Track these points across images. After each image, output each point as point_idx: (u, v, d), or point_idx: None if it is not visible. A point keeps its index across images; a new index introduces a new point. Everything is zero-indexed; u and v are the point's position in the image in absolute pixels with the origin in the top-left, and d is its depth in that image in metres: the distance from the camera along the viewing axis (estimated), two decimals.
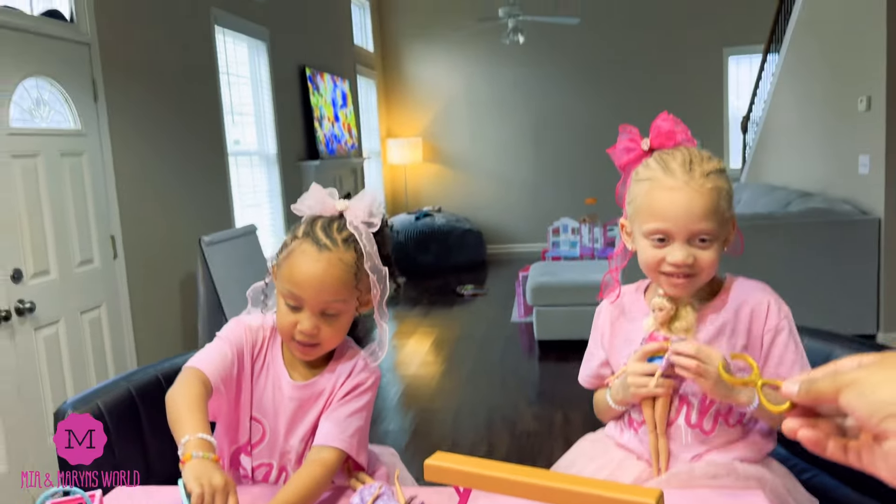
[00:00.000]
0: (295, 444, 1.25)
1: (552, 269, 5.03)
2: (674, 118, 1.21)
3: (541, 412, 3.63)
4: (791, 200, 4.94)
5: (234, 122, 4.63)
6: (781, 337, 1.17)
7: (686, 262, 1.13)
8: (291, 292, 1.18)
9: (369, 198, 1.22)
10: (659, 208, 1.14)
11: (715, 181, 1.14)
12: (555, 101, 8.42)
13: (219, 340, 1.24)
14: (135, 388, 1.34)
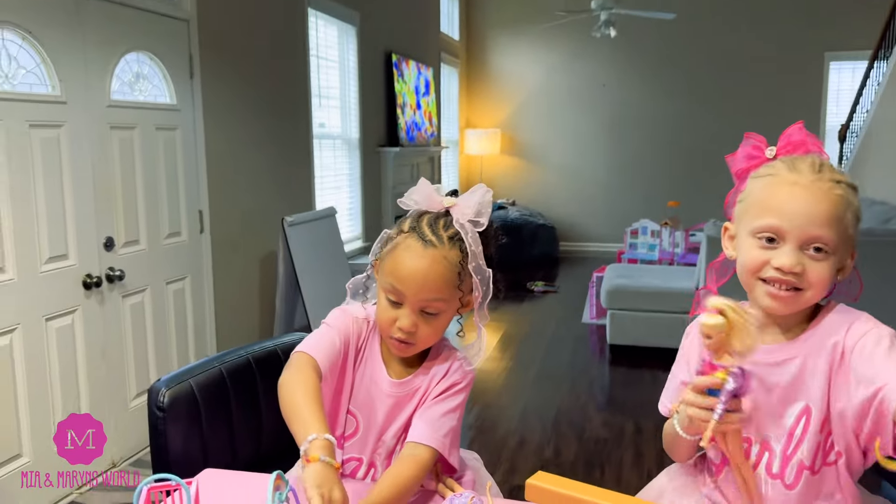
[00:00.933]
0: (387, 440, 1.23)
1: (629, 271, 4.89)
2: (807, 132, 1.10)
3: (611, 419, 3.54)
4: (892, 217, 4.66)
5: (320, 105, 4.67)
6: (871, 341, 0.98)
7: (793, 270, 0.99)
8: (393, 287, 1.16)
9: (478, 195, 1.18)
10: (776, 203, 1.02)
11: (846, 191, 1.02)
12: (639, 99, 8.18)
13: (327, 328, 1.23)
14: (226, 369, 1.35)
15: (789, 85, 7.66)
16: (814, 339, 1.05)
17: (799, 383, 1.05)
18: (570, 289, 6.51)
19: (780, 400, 1.06)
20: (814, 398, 1.04)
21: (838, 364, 1.02)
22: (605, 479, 2.91)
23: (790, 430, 1.06)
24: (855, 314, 1.06)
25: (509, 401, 3.81)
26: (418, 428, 1.17)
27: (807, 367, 1.04)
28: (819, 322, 1.06)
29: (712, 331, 0.92)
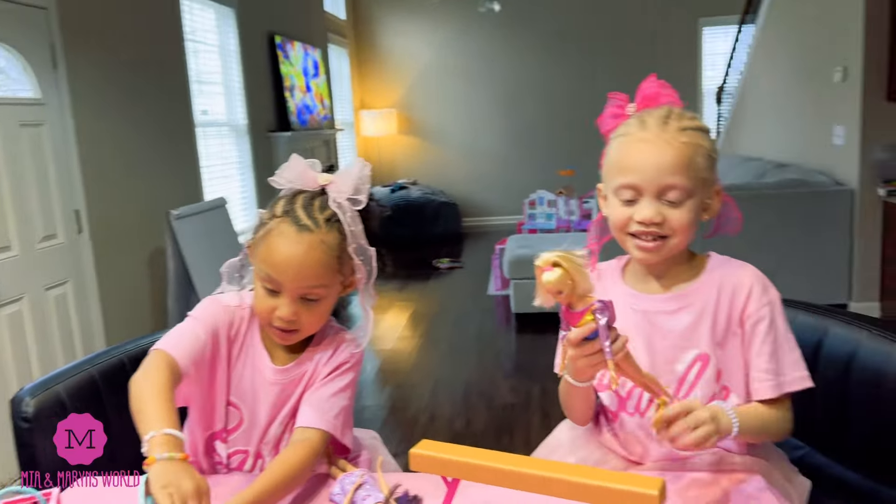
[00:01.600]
0: (274, 429, 1.19)
1: (529, 241, 4.99)
2: (661, 82, 1.15)
3: (518, 385, 3.62)
4: (766, 171, 4.94)
5: (201, 92, 4.48)
6: (761, 327, 1.07)
7: (653, 220, 1.05)
8: (269, 276, 1.10)
9: (356, 171, 1.13)
10: (629, 161, 1.07)
11: (692, 137, 1.07)
12: (530, 72, 8.31)
13: (191, 320, 1.16)
14: (99, 372, 1.27)
15: (668, 51, 7.97)
16: (705, 290, 1.10)
17: (692, 332, 1.09)
18: (475, 263, 6.58)
19: (674, 347, 1.10)
20: (706, 347, 1.09)
21: (735, 324, 1.08)
22: (514, 442, 2.98)
23: (682, 376, 1.10)
24: (739, 266, 1.12)
25: (420, 378, 3.82)
26: (306, 412, 1.14)
27: (701, 317, 1.09)
28: (706, 273, 1.12)
29: (557, 285, 0.90)
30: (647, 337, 1.11)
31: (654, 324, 1.12)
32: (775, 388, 1.06)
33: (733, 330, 1.09)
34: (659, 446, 1.11)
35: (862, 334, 1.14)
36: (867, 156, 4.15)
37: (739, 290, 1.09)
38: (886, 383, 1.09)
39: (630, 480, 0.76)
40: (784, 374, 1.07)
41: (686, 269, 1.14)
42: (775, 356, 1.07)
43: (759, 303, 1.08)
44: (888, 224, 4.17)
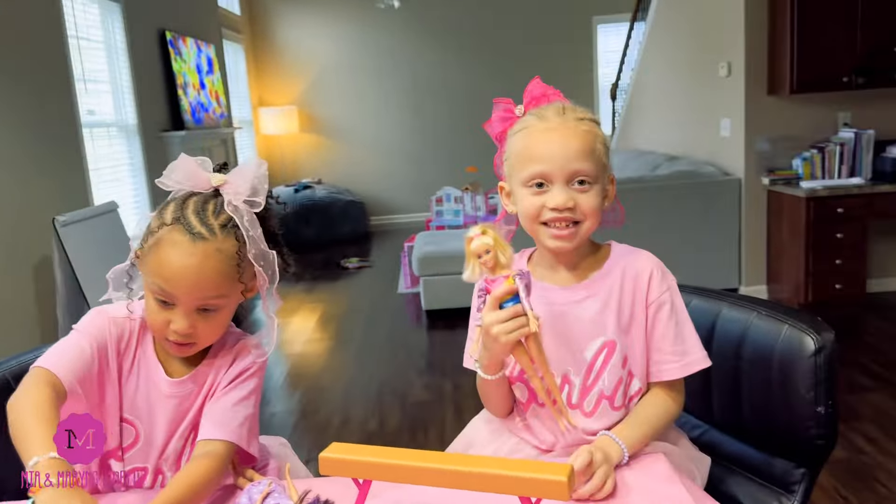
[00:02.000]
0: (174, 444, 1.12)
1: (437, 238, 5.00)
2: (545, 84, 1.18)
3: (431, 381, 3.62)
4: (659, 164, 5.16)
5: (87, 91, 4.23)
6: (663, 312, 1.12)
7: (566, 205, 1.07)
8: (161, 288, 1.03)
9: (252, 170, 1.07)
10: (536, 151, 1.10)
11: (590, 126, 1.11)
12: (433, 69, 8.35)
13: (76, 334, 1.08)
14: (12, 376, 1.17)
15: (564, 49, 8.19)
16: (610, 278, 1.13)
17: (599, 320, 1.12)
18: (384, 262, 6.54)
19: (582, 335, 1.13)
20: (612, 333, 1.12)
21: (640, 310, 1.12)
22: (429, 439, 2.98)
23: (590, 364, 1.13)
24: (638, 253, 1.16)
25: (331, 381, 3.76)
26: (208, 424, 1.08)
27: (607, 305, 1.12)
28: (609, 261, 1.15)
29: (486, 247, 0.98)
30: (556, 326, 1.13)
31: (562, 313, 1.14)
32: (682, 368, 1.11)
33: (637, 316, 1.13)
34: (568, 434, 1.13)
35: (751, 315, 1.20)
36: (751, 147, 4.40)
37: (641, 276, 1.13)
38: (774, 361, 1.15)
39: (540, 468, 0.77)
40: (688, 355, 1.12)
41: (591, 259, 1.17)
42: (680, 338, 1.12)
43: (659, 288, 1.12)
44: (772, 211, 4.44)
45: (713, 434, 1.29)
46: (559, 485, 0.74)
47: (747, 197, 4.47)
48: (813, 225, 4.07)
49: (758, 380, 1.17)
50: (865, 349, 3.62)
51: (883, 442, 2.68)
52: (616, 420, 1.13)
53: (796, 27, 4.05)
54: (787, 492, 1.15)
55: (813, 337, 1.10)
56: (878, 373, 3.32)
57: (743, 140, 4.41)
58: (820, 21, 4.05)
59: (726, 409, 1.25)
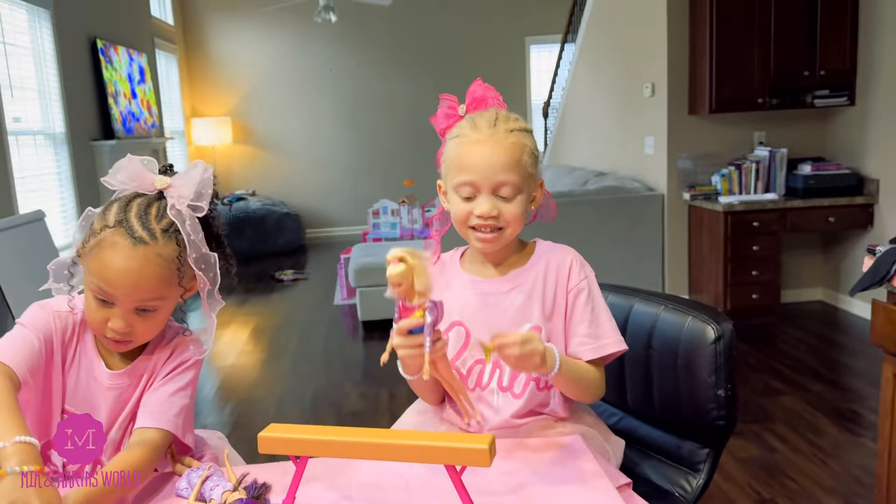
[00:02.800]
0: (114, 434, 1.15)
1: (374, 250, 5.04)
2: (486, 85, 1.27)
3: (367, 391, 3.65)
4: (588, 179, 5.36)
5: (13, 98, 4.12)
6: (580, 298, 1.21)
7: (491, 214, 1.16)
8: (101, 288, 1.05)
9: (198, 174, 1.09)
10: (466, 161, 1.18)
11: (518, 137, 1.18)
12: (370, 84, 8.41)
13: (22, 329, 1.10)
14: None
15: (498, 66, 8.40)
16: (534, 271, 1.23)
17: (525, 309, 1.22)
18: (319, 274, 6.53)
19: (511, 323, 1.21)
20: (538, 320, 1.21)
21: (561, 298, 1.21)
22: None
23: None
24: (560, 248, 1.27)
25: (264, 392, 3.74)
26: (147, 410, 1.11)
27: (532, 295, 1.22)
28: (534, 256, 1.25)
29: (399, 278, 0.99)
30: (487, 316, 1.23)
31: (492, 304, 1.23)
32: (596, 350, 1.20)
33: (558, 303, 1.23)
34: (495, 415, 1.21)
35: (660, 308, 1.31)
36: (673, 163, 4.63)
37: (562, 268, 1.23)
38: (679, 349, 1.26)
39: (463, 439, 0.84)
40: (602, 339, 1.20)
41: (517, 255, 1.26)
42: (595, 322, 1.21)
43: (578, 277, 1.23)
44: (693, 225, 4.67)
45: (628, 420, 1.39)
46: (481, 452, 0.81)
47: (670, 211, 4.69)
48: (730, 238, 4.30)
49: (666, 367, 1.28)
50: (778, 355, 3.85)
51: (793, 441, 2.86)
52: (542, 400, 1.23)
53: (715, 50, 4.30)
54: (693, 471, 1.25)
55: (713, 326, 1.21)
56: (790, 377, 3.53)
57: (666, 157, 4.63)
58: (737, 45, 4.31)
59: (639, 397, 1.35)
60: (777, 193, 4.48)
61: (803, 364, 3.70)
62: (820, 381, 3.46)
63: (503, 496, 0.99)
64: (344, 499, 1.02)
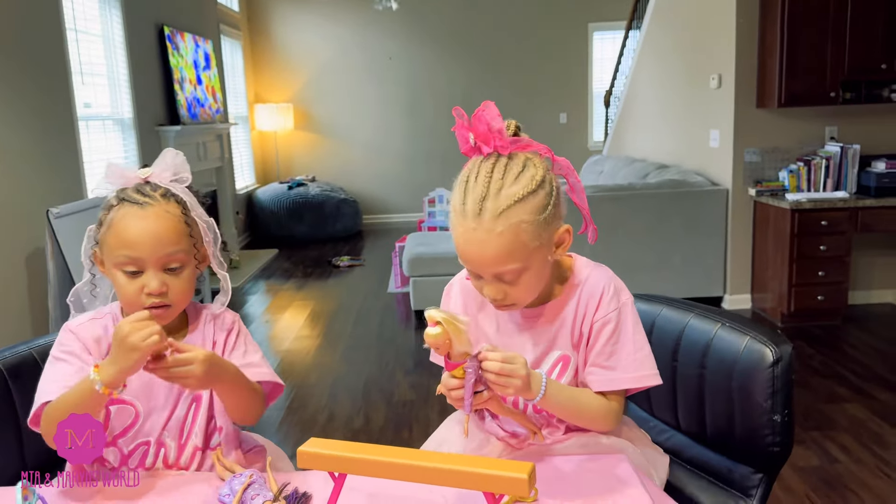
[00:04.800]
0: (179, 412, 1.21)
1: (428, 239, 5.05)
2: (492, 117, 1.10)
3: (418, 381, 3.67)
4: (649, 172, 5.23)
5: (83, 84, 4.27)
6: (605, 330, 1.15)
7: (497, 298, 1.10)
8: (128, 257, 1.13)
9: (169, 158, 1.19)
10: (463, 252, 1.09)
11: (509, 219, 1.04)
12: (429, 71, 8.40)
13: (56, 361, 1.15)
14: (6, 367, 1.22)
15: (559, 53, 8.26)
16: (567, 300, 1.18)
17: (555, 337, 1.18)
18: (375, 261, 6.59)
19: (540, 351, 1.19)
20: (567, 349, 1.18)
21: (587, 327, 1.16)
22: (413, 437, 3.03)
23: (547, 374, 1.16)
24: (596, 272, 1.19)
25: (318, 378, 3.81)
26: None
27: (563, 324, 1.17)
28: (569, 284, 1.19)
29: (435, 340, 0.99)
30: (517, 344, 1.20)
31: (523, 333, 1.20)
32: (604, 383, 1.15)
33: (583, 332, 1.17)
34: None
35: (716, 326, 1.25)
36: (739, 157, 4.47)
37: (593, 297, 1.17)
38: (735, 371, 1.21)
39: (503, 466, 0.82)
40: (617, 372, 1.14)
41: (551, 285, 1.19)
42: (615, 356, 1.14)
43: (607, 308, 1.15)
44: (758, 222, 4.51)
45: (679, 438, 1.35)
46: (520, 482, 0.80)
47: (734, 207, 4.54)
48: (797, 237, 4.14)
49: (719, 388, 1.23)
50: (844, 360, 3.69)
51: (856, 451, 2.75)
52: (565, 428, 1.21)
53: (786, 41, 4.12)
54: (745, 495, 1.21)
55: (772, 349, 1.15)
56: (855, 383, 3.39)
57: (731, 151, 4.48)
58: (809, 36, 4.12)
59: (690, 416, 1.30)
60: (848, 191, 4.28)
61: (870, 370, 3.55)
62: (888, 388, 3.31)
63: None
64: None
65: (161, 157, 1.20)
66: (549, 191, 1.08)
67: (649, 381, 1.15)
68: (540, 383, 1.07)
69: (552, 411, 1.16)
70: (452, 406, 1.29)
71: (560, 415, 1.17)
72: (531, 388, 1.05)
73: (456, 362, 1.01)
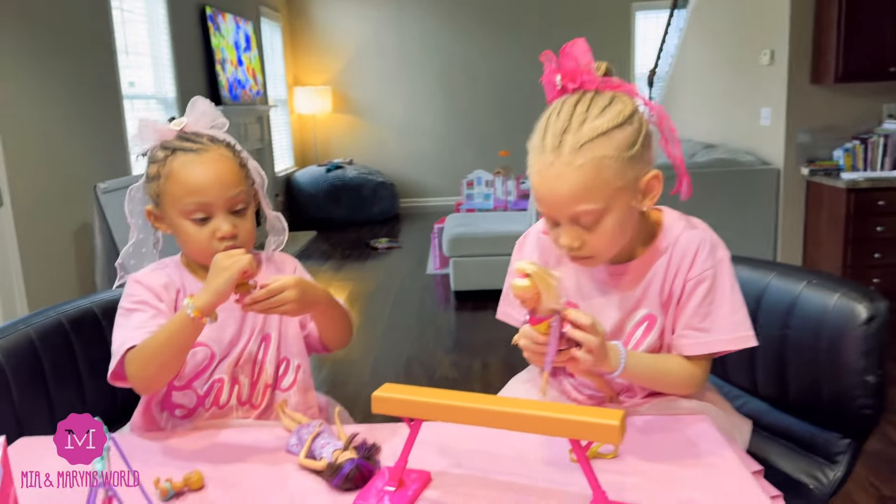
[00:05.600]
0: (251, 347, 1.20)
1: (468, 220, 5.01)
2: (581, 52, 1.04)
3: (459, 360, 3.64)
4: (696, 152, 5.10)
5: (129, 63, 4.30)
6: (699, 289, 1.07)
7: (573, 246, 1.02)
8: (197, 203, 1.12)
9: (200, 106, 1.18)
10: (538, 193, 1.02)
11: (591, 152, 0.97)
12: (468, 53, 8.31)
13: (131, 313, 1.13)
14: (35, 331, 1.20)
15: (601, 33, 8.10)
16: (658, 255, 1.10)
17: (642, 295, 1.10)
18: (413, 243, 6.56)
19: (624, 310, 1.11)
20: (654, 308, 1.10)
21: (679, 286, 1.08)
22: None
23: (628, 335, 1.12)
24: (690, 226, 1.11)
25: (359, 355, 3.79)
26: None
27: (652, 282, 1.10)
28: (660, 237, 1.10)
29: (522, 292, 0.93)
30: (600, 301, 1.13)
31: (606, 291, 1.12)
32: (698, 346, 1.07)
33: (675, 292, 1.09)
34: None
35: (801, 285, 1.18)
36: (792, 136, 4.33)
37: (687, 253, 1.08)
38: (823, 330, 1.14)
39: (592, 413, 0.77)
40: (712, 334, 1.06)
41: (638, 239, 1.11)
42: (709, 317, 1.07)
43: (702, 266, 1.07)
44: (810, 202, 4.37)
45: (755, 404, 1.29)
46: (611, 429, 0.75)
47: (786, 187, 4.40)
48: (853, 218, 3.99)
49: (805, 349, 1.16)
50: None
51: None
52: (645, 393, 1.15)
53: (844, 15, 3.96)
54: (830, 462, 1.14)
55: (865, 305, 1.08)
56: None
57: (784, 129, 4.33)
58: (868, 10, 3.95)
59: (770, 379, 1.24)
60: None
61: None
62: None
63: (626, 476, 0.92)
64: (455, 466, 0.98)
65: (192, 107, 1.19)
66: (637, 128, 1.02)
67: (746, 342, 1.07)
68: (619, 356, 1.00)
69: (633, 381, 1.10)
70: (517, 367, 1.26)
71: (641, 384, 1.11)
72: (609, 359, 0.99)
73: (541, 317, 0.95)
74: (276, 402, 1.22)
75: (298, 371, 1.23)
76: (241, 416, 1.20)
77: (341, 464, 0.92)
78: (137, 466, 0.83)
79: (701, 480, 0.91)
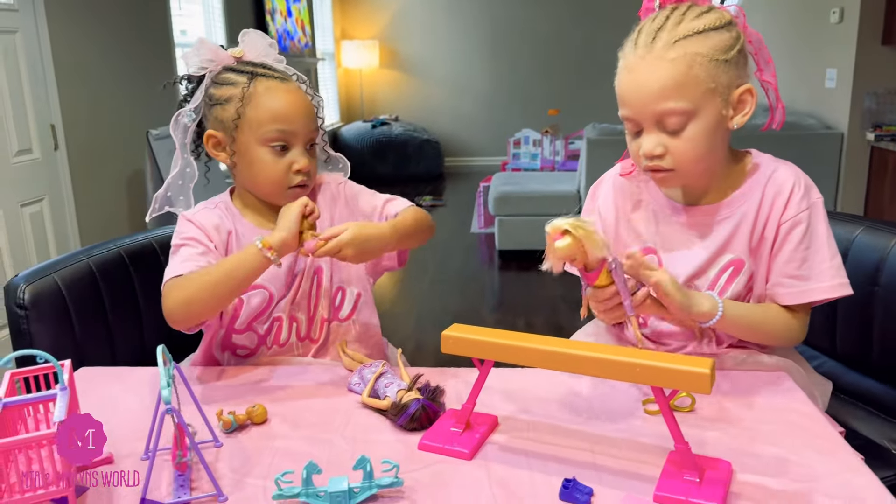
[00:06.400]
0: (304, 286, 1.18)
1: (515, 179, 4.93)
2: None
3: (503, 318, 3.61)
4: (755, 113, 4.91)
5: (181, 12, 4.28)
6: (795, 233, 1.00)
7: (653, 153, 0.96)
8: (281, 131, 1.09)
9: (256, 38, 1.15)
10: (621, 93, 0.98)
11: (685, 47, 0.93)
12: (517, 10, 8.10)
13: (182, 248, 1.10)
14: (95, 263, 1.20)
15: None
16: (748, 196, 1.04)
17: (730, 238, 1.04)
18: (457, 202, 6.51)
19: (710, 254, 1.05)
20: (742, 252, 1.04)
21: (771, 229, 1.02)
22: None
23: (713, 280, 1.06)
24: (781, 166, 1.05)
25: (404, 308, 3.80)
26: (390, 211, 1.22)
27: (741, 225, 1.04)
28: (749, 178, 1.05)
29: (567, 252, 0.87)
30: (685, 246, 1.07)
31: (689, 232, 1.06)
32: (797, 295, 1.01)
33: (767, 235, 1.03)
34: (686, 342, 1.09)
35: (891, 241, 1.11)
36: (858, 100, 4.13)
37: (781, 193, 1.02)
38: None
39: (680, 360, 0.73)
40: (811, 282, 1.00)
41: (726, 176, 1.05)
42: (807, 263, 1.01)
43: (797, 207, 1.01)
44: (874, 169, 4.18)
45: (832, 365, 1.23)
46: (700, 377, 0.70)
47: (849, 152, 4.21)
48: None
49: (894, 309, 1.09)
50: None
51: None
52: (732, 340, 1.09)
53: None
54: None
55: None
56: None
57: (850, 92, 4.13)
58: None
59: (853, 341, 1.17)
60: None
61: None
62: None
63: (706, 429, 0.88)
64: (522, 412, 0.95)
65: (247, 39, 1.15)
66: (735, 35, 0.98)
67: (844, 290, 1.01)
68: (716, 304, 0.96)
69: (727, 331, 1.04)
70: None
71: (735, 333, 1.05)
72: (702, 305, 0.95)
73: (596, 270, 0.91)
74: (335, 335, 1.20)
75: (358, 300, 1.21)
76: (300, 351, 1.19)
77: (407, 403, 0.90)
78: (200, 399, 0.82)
79: (785, 438, 0.86)
